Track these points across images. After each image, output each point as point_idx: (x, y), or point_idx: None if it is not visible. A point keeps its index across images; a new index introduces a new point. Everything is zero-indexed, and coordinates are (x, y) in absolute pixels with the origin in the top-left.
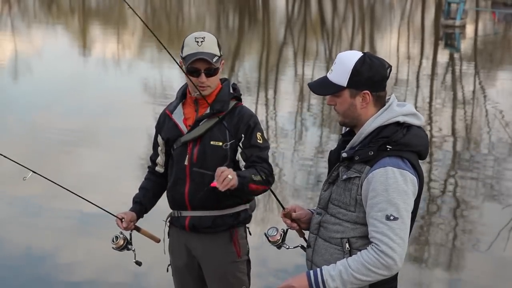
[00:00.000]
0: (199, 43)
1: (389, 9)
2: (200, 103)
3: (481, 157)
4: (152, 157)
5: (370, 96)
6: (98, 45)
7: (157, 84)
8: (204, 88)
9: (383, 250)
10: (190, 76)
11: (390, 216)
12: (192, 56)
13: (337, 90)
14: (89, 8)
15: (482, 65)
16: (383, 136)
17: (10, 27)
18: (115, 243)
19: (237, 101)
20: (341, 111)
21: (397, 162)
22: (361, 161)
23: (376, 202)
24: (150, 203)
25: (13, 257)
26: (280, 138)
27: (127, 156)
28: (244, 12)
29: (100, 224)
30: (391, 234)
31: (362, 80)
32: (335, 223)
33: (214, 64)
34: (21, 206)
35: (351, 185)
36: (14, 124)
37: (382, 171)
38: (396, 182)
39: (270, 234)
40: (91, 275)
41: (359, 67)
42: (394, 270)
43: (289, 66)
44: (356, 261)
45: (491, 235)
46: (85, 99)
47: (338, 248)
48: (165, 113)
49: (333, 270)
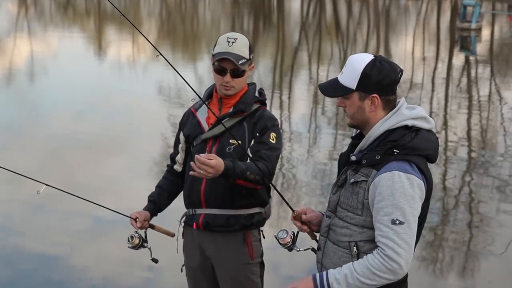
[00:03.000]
0: (230, 43)
1: (404, 12)
2: (224, 103)
3: (496, 161)
4: (172, 155)
5: (379, 100)
6: (113, 47)
7: (172, 86)
8: (228, 88)
9: (388, 255)
10: (217, 74)
11: (396, 220)
12: (220, 55)
13: (346, 93)
14: (105, 10)
15: (498, 68)
16: (390, 140)
17: (26, 29)
18: (130, 242)
19: (261, 105)
20: (350, 113)
21: (404, 166)
22: (368, 165)
23: (382, 206)
24: (164, 202)
25: (26, 260)
26: (293, 140)
27: (143, 159)
28: (259, 14)
29: (113, 227)
30: (397, 238)
31: (371, 83)
32: (343, 227)
33: (240, 66)
34: (34, 209)
35: (358, 188)
36: (28, 126)
37: (389, 175)
38: (402, 186)
39: (280, 236)
40: (103, 278)
41: (369, 70)
42: (399, 274)
43: (303, 69)
44: (362, 265)
45: (506, 239)
46: (100, 101)
47: (346, 251)
48: (190, 110)
49: (338, 273)
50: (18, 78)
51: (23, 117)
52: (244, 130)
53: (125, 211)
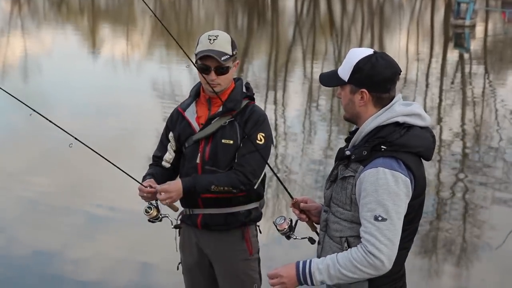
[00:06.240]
0: (211, 41)
1: (398, 9)
2: (213, 102)
3: (490, 158)
4: (156, 154)
5: (368, 95)
6: (107, 45)
7: (166, 83)
8: (215, 85)
9: (370, 251)
10: (201, 73)
11: (379, 216)
12: (202, 53)
13: (338, 84)
14: (99, 8)
15: (492, 65)
16: (379, 136)
17: (20, 27)
18: (149, 213)
19: (250, 100)
20: (343, 104)
21: (390, 163)
22: (356, 160)
23: (366, 202)
24: (161, 181)
25: (21, 257)
26: (288, 137)
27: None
28: (253, 12)
29: (108, 223)
30: (378, 235)
31: (362, 78)
32: (335, 222)
33: (223, 62)
34: (29, 205)
35: (346, 184)
36: (21, 122)
37: (374, 172)
38: (386, 183)
39: (278, 222)
40: (98, 274)
41: (362, 64)
42: (381, 271)
43: (298, 66)
44: (345, 258)
45: (500, 237)
46: (94, 98)
47: (339, 246)
48: (178, 110)
49: (321, 263)
50: (12, 75)
51: (16, 116)
52: (236, 129)
53: (121, 209)
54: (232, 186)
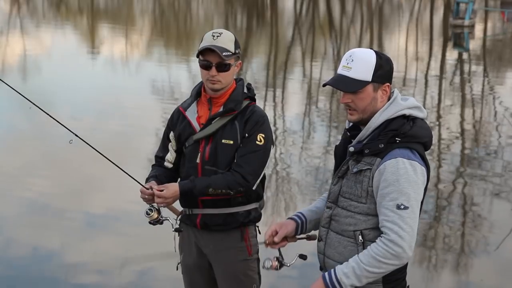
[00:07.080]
0: (214, 37)
1: (397, 9)
2: (214, 102)
3: (489, 156)
4: (158, 154)
5: (389, 88)
6: (107, 45)
7: (165, 83)
8: (215, 82)
9: (392, 239)
10: (203, 69)
11: (401, 205)
12: (204, 47)
13: (362, 86)
14: (98, 8)
15: (491, 64)
16: (391, 129)
17: (19, 27)
18: (150, 215)
19: (251, 101)
20: (361, 107)
21: (407, 153)
22: (371, 154)
23: (387, 192)
24: (165, 182)
25: (20, 257)
26: (287, 137)
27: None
28: (252, 12)
29: (106, 223)
30: (401, 223)
31: (384, 73)
32: (347, 216)
33: (224, 58)
34: (28, 206)
35: (362, 177)
36: (21, 122)
37: (394, 162)
38: (406, 172)
39: (267, 266)
40: (97, 275)
41: (380, 61)
42: (404, 259)
43: (297, 66)
44: (367, 255)
45: (500, 235)
46: (93, 98)
47: (351, 240)
48: (179, 110)
49: (346, 267)
50: (11, 75)
51: (15, 115)
52: (236, 129)
53: (121, 209)
54: (230, 187)
